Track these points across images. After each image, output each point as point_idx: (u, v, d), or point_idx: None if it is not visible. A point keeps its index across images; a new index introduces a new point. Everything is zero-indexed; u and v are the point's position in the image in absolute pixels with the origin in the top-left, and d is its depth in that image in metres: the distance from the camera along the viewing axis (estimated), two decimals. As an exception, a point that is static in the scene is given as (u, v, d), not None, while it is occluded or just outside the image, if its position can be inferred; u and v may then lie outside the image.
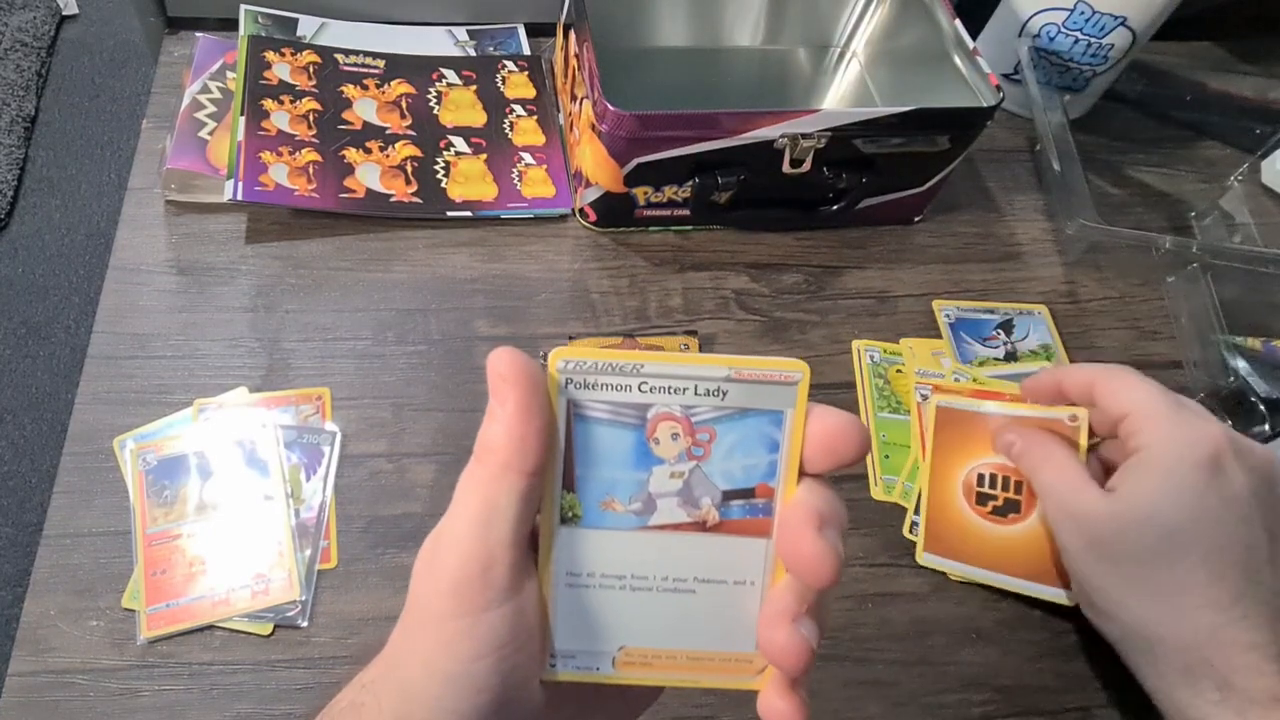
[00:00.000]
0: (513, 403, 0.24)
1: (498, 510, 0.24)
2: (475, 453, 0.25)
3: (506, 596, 0.25)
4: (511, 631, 0.25)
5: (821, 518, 0.25)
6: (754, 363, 0.25)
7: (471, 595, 0.24)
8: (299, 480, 0.54)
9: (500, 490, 0.24)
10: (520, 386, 0.24)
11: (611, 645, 0.27)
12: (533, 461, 0.24)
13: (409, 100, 0.72)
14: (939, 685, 0.51)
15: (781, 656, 0.26)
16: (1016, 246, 0.72)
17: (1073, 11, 0.71)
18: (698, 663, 0.28)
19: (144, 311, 0.60)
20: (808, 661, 0.25)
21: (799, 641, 0.25)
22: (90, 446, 0.54)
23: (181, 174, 0.64)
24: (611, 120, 0.58)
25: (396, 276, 0.64)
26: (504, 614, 0.25)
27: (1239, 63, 0.87)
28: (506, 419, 0.24)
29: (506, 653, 0.25)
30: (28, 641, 0.48)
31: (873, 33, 0.77)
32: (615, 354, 0.25)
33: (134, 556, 0.51)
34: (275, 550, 0.51)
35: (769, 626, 0.26)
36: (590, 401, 0.25)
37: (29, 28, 1.78)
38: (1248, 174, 0.79)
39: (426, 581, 0.25)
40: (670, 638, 0.27)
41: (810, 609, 0.26)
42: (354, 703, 0.27)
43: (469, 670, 0.24)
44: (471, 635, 0.24)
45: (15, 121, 1.65)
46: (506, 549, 0.24)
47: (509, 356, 0.24)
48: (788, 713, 0.26)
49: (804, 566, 0.25)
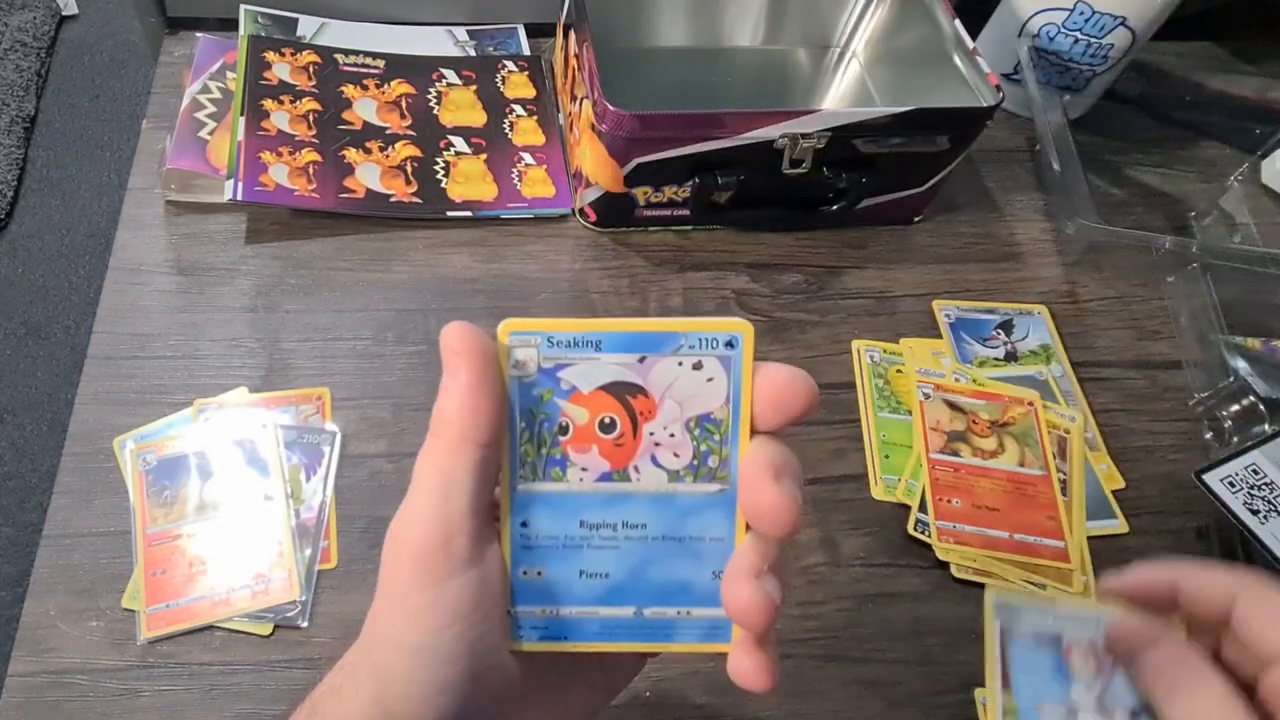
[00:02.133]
0: (465, 376, 0.25)
1: (455, 481, 0.25)
2: (431, 427, 0.25)
3: (469, 565, 0.25)
4: (475, 599, 0.25)
5: (776, 468, 0.25)
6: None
7: (434, 566, 0.25)
8: (299, 480, 0.54)
9: (456, 462, 0.25)
10: (472, 360, 0.25)
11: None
12: (487, 432, 0.25)
13: (409, 100, 0.72)
14: (939, 685, 0.51)
15: (745, 613, 0.26)
16: (1016, 246, 0.72)
17: (1072, 11, 0.71)
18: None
19: (144, 311, 0.60)
20: (770, 617, 0.25)
21: (761, 597, 0.25)
22: (90, 447, 0.54)
23: (181, 174, 0.64)
24: (611, 120, 0.58)
25: (396, 276, 0.64)
26: (466, 582, 0.25)
27: (1238, 63, 0.87)
28: (459, 392, 0.25)
29: (472, 621, 0.25)
30: (28, 642, 0.48)
31: (873, 33, 0.77)
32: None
33: (134, 557, 0.51)
34: (275, 550, 0.51)
35: (732, 584, 0.26)
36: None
37: (29, 28, 1.78)
38: (1247, 174, 0.79)
39: (391, 559, 0.26)
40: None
41: (772, 565, 0.26)
42: (333, 686, 0.27)
43: (435, 641, 0.25)
44: (435, 606, 0.25)
45: (15, 122, 1.65)
46: (466, 518, 0.25)
47: (460, 331, 0.25)
48: (756, 670, 0.26)
49: (764, 517, 0.25)
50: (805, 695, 0.50)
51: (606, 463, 0.26)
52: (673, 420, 0.26)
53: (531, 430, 0.26)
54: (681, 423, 0.26)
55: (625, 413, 0.26)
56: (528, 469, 0.26)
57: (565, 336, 0.26)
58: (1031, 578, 0.54)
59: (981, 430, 0.59)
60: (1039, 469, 0.58)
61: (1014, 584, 0.54)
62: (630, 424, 0.26)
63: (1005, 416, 0.60)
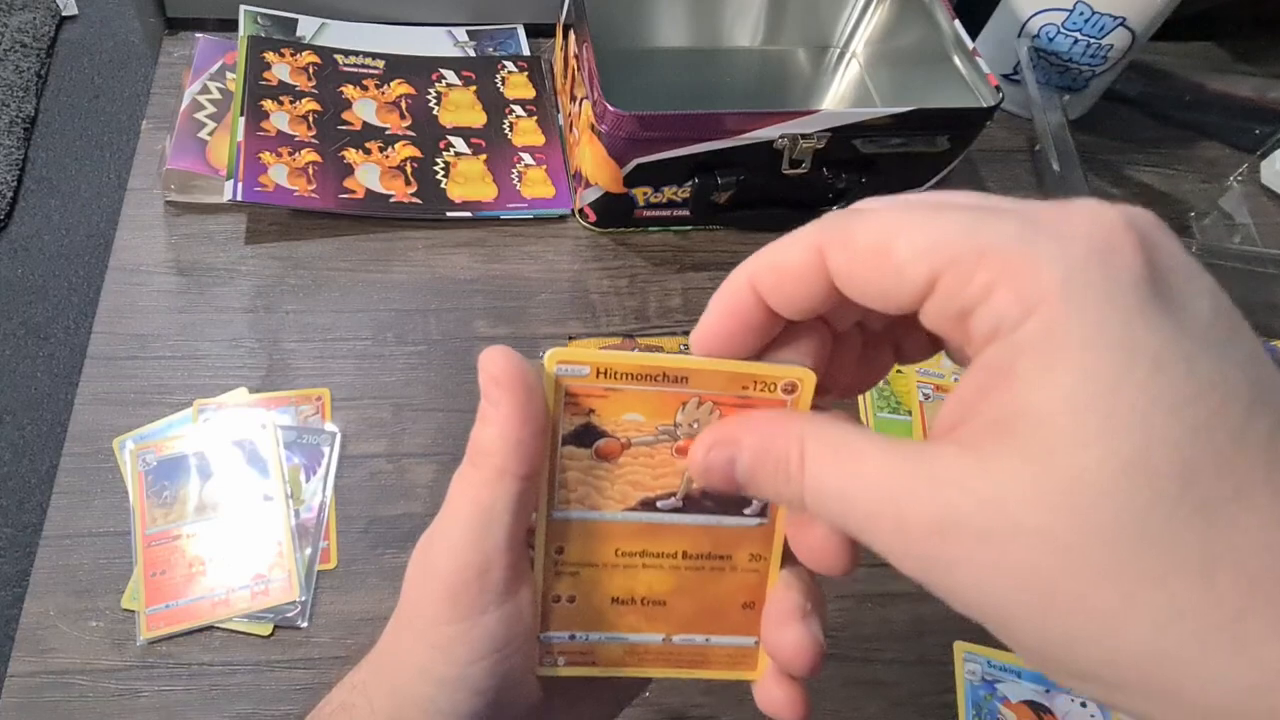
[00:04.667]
0: (507, 406, 0.24)
1: (493, 515, 0.24)
2: (469, 455, 0.25)
3: (503, 599, 0.24)
4: (508, 634, 0.25)
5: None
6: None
7: (468, 600, 0.24)
8: (299, 481, 0.54)
9: (496, 495, 0.24)
10: (514, 389, 0.24)
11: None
12: (529, 466, 0.24)
13: (409, 101, 0.72)
14: (939, 685, 0.51)
15: (793, 658, 0.25)
16: (1016, 247, 0.72)
17: (1072, 12, 0.71)
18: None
19: (144, 312, 0.60)
20: (818, 660, 0.25)
21: (810, 640, 0.25)
22: (90, 447, 0.54)
23: (181, 174, 0.64)
24: (611, 121, 0.58)
25: (396, 277, 0.64)
26: (500, 616, 0.24)
27: (1238, 63, 0.87)
28: (501, 422, 0.24)
29: (504, 654, 0.24)
30: (27, 642, 0.48)
31: (872, 33, 0.77)
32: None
33: (134, 557, 0.51)
34: (275, 551, 0.51)
35: (776, 626, 0.25)
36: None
37: (28, 28, 1.78)
38: (1247, 174, 0.79)
39: (420, 585, 0.25)
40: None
41: (816, 604, 0.25)
42: (345, 704, 0.27)
43: (464, 674, 0.24)
44: (467, 639, 0.24)
45: (15, 122, 1.65)
46: (503, 552, 0.24)
47: (502, 359, 0.24)
48: (789, 702, 0.25)
49: (815, 556, 0.24)
50: (805, 695, 0.51)
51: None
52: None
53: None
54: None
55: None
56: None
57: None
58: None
59: (981, 430, 0.59)
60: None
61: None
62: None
63: (1005, 417, 0.60)
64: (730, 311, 0.24)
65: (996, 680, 0.51)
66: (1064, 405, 0.17)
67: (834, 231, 0.21)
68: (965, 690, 0.51)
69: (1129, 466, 0.16)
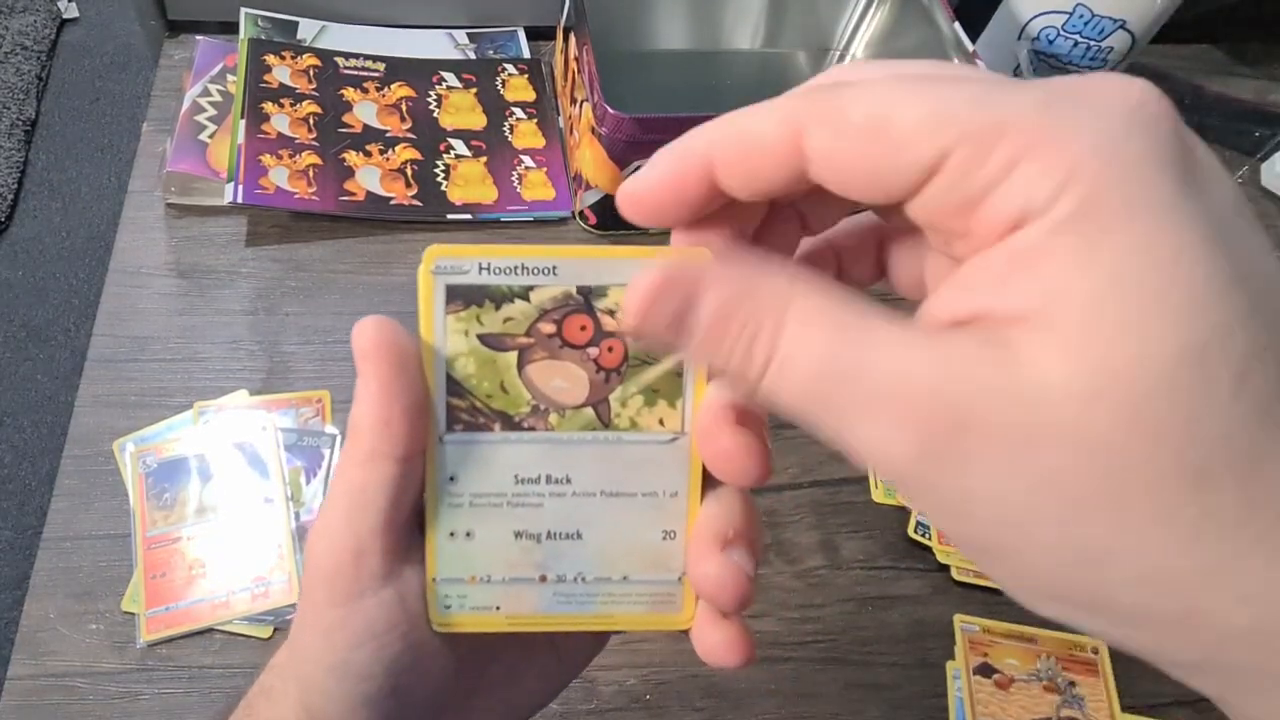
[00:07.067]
0: (375, 382, 0.22)
1: (366, 496, 0.23)
2: (347, 433, 0.23)
3: (382, 584, 0.23)
4: (389, 619, 0.23)
5: (739, 407, 0.22)
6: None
7: (344, 584, 0.23)
8: (299, 483, 0.54)
9: (368, 476, 0.23)
10: (382, 363, 0.22)
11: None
12: (402, 447, 0.23)
13: (409, 103, 0.72)
14: (939, 688, 0.51)
15: (715, 591, 0.23)
16: (1016, 249, 0.72)
17: (1072, 14, 0.71)
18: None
19: (144, 314, 0.60)
20: (744, 592, 0.23)
21: (732, 571, 0.23)
22: (90, 449, 0.54)
23: (182, 177, 0.64)
24: (611, 123, 0.59)
25: (397, 279, 0.64)
26: (380, 601, 0.23)
27: (1238, 66, 0.87)
28: (369, 400, 0.22)
29: (386, 641, 0.23)
30: (27, 645, 0.48)
31: (872, 35, 0.77)
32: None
33: (134, 559, 0.51)
34: (275, 553, 0.51)
35: (697, 558, 0.23)
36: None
37: (29, 31, 1.78)
38: (1247, 176, 0.79)
39: (307, 570, 0.24)
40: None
41: (739, 529, 0.23)
42: (264, 686, 0.26)
43: (348, 659, 0.23)
44: (345, 625, 0.23)
45: (15, 125, 1.65)
46: (377, 536, 0.23)
47: (372, 329, 0.22)
48: (727, 644, 0.24)
49: (725, 463, 0.22)
50: (805, 698, 0.50)
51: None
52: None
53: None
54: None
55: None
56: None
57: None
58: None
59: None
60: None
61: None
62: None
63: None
64: (675, 181, 0.20)
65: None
66: (1110, 287, 0.15)
67: (818, 106, 0.18)
68: (955, 706, 0.51)
69: (1183, 355, 0.14)
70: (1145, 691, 0.50)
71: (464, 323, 0.23)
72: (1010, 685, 0.50)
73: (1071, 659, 0.51)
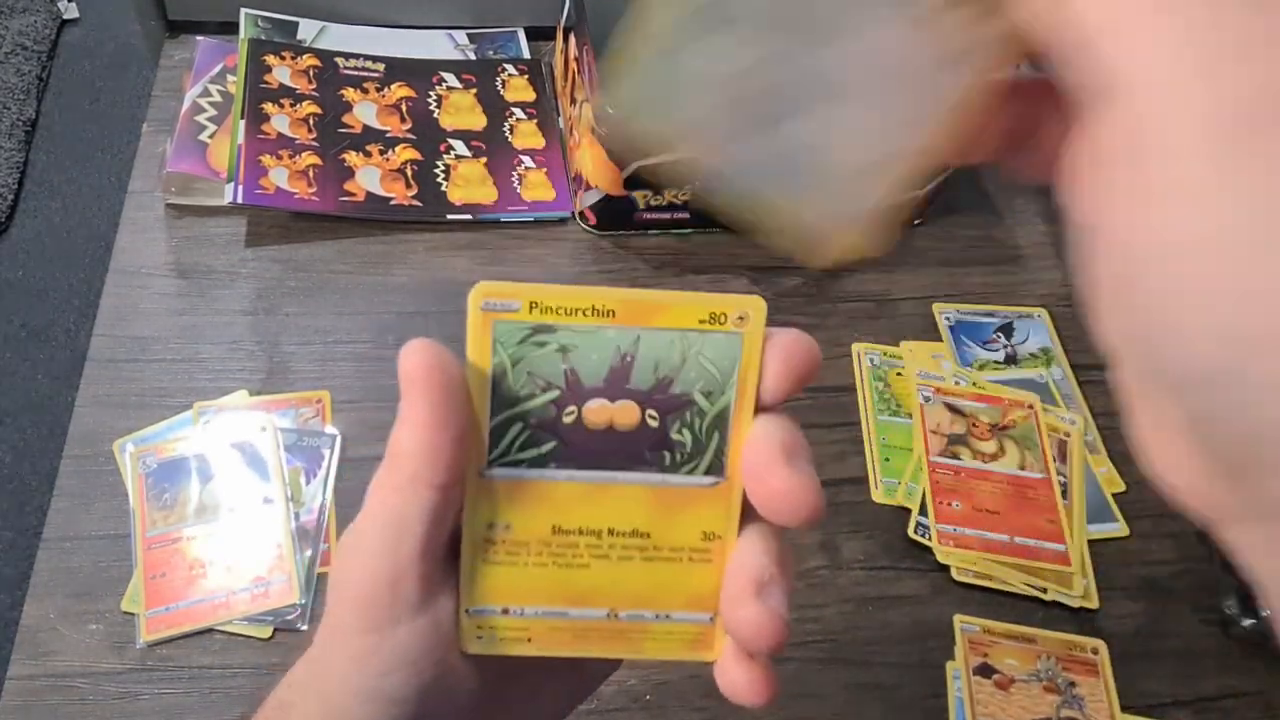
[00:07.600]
0: (423, 409, 0.22)
1: (406, 523, 0.22)
2: (386, 457, 0.23)
3: (418, 611, 0.23)
4: (424, 647, 0.23)
5: (788, 448, 0.23)
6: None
7: (378, 611, 0.23)
8: (299, 483, 0.54)
9: (409, 502, 0.22)
10: (430, 389, 0.22)
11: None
12: (445, 475, 0.22)
13: (409, 103, 0.72)
14: (939, 689, 0.51)
15: (753, 637, 0.23)
16: (1017, 249, 0.72)
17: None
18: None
19: (144, 314, 0.60)
20: (780, 638, 0.23)
21: (769, 617, 0.23)
22: (90, 449, 0.54)
23: (182, 177, 0.64)
24: (611, 124, 0.58)
25: (397, 280, 0.64)
26: (415, 629, 0.23)
27: None
28: (415, 425, 0.22)
29: (420, 668, 0.23)
30: (27, 645, 0.48)
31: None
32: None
33: (134, 560, 0.51)
34: (275, 553, 0.51)
35: (733, 601, 0.23)
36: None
37: (29, 31, 1.78)
38: None
39: (336, 591, 0.24)
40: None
41: (776, 574, 0.23)
42: (282, 701, 0.26)
43: (379, 685, 0.23)
44: (379, 652, 0.23)
45: (16, 125, 1.65)
46: (415, 563, 0.23)
47: (419, 353, 0.22)
48: (751, 683, 0.24)
49: (778, 503, 0.22)
50: (805, 698, 0.50)
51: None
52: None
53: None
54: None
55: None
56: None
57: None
58: (1032, 580, 0.54)
59: (982, 433, 0.59)
60: (1039, 472, 0.58)
61: (1016, 586, 0.54)
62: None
63: (1005, 419, 0.60)
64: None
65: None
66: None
67: None
68: (955, 706, 0.51)
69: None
70: (1145, 691, 0.50)
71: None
72: (1010, 686, 0.50)
73: (1071, 659, 0.51)
